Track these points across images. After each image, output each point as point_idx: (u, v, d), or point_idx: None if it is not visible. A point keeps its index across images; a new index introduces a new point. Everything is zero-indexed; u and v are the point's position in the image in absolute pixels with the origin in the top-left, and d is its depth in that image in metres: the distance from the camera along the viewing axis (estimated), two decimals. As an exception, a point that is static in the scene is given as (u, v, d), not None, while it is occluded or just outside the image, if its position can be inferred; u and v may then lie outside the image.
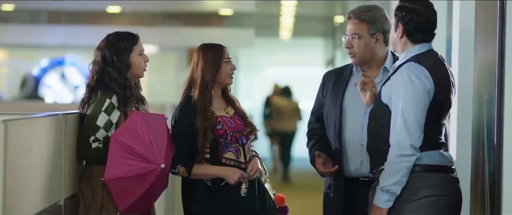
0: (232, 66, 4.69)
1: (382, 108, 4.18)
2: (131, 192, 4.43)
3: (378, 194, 4.08)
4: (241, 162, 4.65)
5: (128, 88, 4.58)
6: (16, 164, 3.66)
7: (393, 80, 4.15)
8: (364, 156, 4.47)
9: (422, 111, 4.08)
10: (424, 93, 4.08)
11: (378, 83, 4.47)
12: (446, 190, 4.13)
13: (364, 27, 4.57)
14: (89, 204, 4.51)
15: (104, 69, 4.56)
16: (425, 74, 4.09)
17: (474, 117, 4.87)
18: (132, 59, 4.61)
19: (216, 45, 4.73)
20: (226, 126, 4.65)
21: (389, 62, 4.59)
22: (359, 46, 4.57)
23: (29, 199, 3.86)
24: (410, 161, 4.05)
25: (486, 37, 4.62)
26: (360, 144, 4.53)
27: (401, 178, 4.05)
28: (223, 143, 4.62)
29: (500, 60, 4.33)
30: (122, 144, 4.39)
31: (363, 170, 4.55)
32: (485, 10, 4.71)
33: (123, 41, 4.60)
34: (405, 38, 4.22)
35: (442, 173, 4.15)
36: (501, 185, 4.29)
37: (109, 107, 4.50)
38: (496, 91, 4.35)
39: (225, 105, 4.75)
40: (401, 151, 4.04)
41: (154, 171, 4.42)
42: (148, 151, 4.42)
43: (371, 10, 4.60)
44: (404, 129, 4.04)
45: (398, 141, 4.05)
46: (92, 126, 4.46)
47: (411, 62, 4.14)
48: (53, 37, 17.20)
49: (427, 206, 4.07)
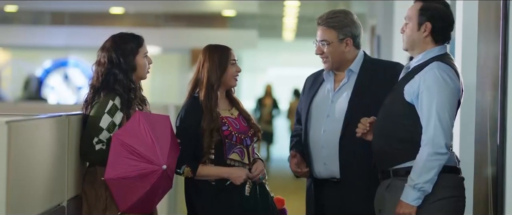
0: (237, 68, 4.70)
1: (404, 107, 4.18)
2: (132, 192, 4.43)
3: (409, 191, 4.06)
4: (245, 163, 4.66)
5: (132, 90, 4.58)
6: (19, 165, 3.66)
7: (422, 79, 4.14)
8: (327, 159, 4.56)
9: (454, 110, 4.12)
10: (456, 93, 4.11)
11: (344, 85, 4.61)
12: (462, 191, 4.18)
13: (332, 33, 4.62)
14: (92, 205, 4.50)
15: (110, 71, 4.56)
16: (454, 74, 4.12)
17: (477, 117, 4.87)
18: (137, 61, 4.61)
19: (223, 47, 4.74)
20: (232, 127, 4.65)
21: (355, 64, 4.64)
22: (329, 52, 4.62)
23: (32, 200, 3.85)
24: (444, 160, 4.06)
25: (489, 36, 4.62)
26: (321, 146, 4.59)
27: (434, 176, 4.05)
28: (228, 144, 4.62)
29: (503, 59, 4.33)
30: (123, 144, 4.39)
31: (326, 172, 4.60)
32: (488, 9, 4.71)
33: (129, 43, 4.60)
34: (430, 37, 4.22)
35: (457, 174, 4.20)
36: (504, 185, 4.29)
37: (112, 109, 4.49)
38: (499, 91, 4.34)
39: (229, 106, 4.76)
40: (436, 149, 4.04)
41: (155, 171, 4.41)
42: (150, 152, 4.41)
43: (338, 15, 4.64)
44: (440, 127, 4.05)
45: (433, 139, 4.05)
46: (95, 128, 4.46)
47: (440, 62, 4.14)
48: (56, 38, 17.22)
49: (448, 207, 4.11)
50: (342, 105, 4.58)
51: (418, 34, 4.23)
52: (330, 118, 4.60)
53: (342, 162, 4.53)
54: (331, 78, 4.69)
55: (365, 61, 4.66)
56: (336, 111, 4.59)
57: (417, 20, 4.22)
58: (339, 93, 4.63)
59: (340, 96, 4.62)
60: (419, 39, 4.23)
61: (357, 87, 4.59)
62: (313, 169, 4.67)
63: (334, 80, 4.68)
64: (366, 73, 4.61)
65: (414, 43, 4.26)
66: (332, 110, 4.61)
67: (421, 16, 4.21)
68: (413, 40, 4.26)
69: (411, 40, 4.26)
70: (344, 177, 4.54)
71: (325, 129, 4.59)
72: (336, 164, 4.56)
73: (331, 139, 4.56)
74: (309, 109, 4.70)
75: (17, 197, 3.63)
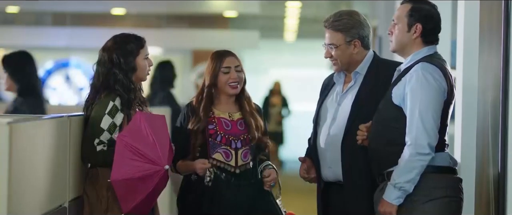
0: (232, 75, 4.71)
1: (393, 110, 4.18)
2: (136, 193, 4.43)
3: (390, 190, 4.09)
4: (231, 165, 4.68)
5: (132, 91, 4.58)
6: (21, 166, 3.66)
7: (407, 81, 4.14)
8: (332, 162, 4.53)
9: (438, 110, 4.10)
10: (440, 92, 4.10)
11: (350, 88, 4.57)
12: (457, 191, 4.16)
13: (339, 36, 4.56)
14: (94, 207, 4.50)
15: (110, 71, 4.56)
16: (439, 74, 4.10)
17: (478, 118, 4.87)
18: (137, 62, 4.61)
19: (218, 53, 4.79)
20: (219, 127, 4.69)
21: (362, 66, 4.59)
22: (338, 55, 4.57)
23: (33, 201, 3.86)
24: (426, 160, 4.06)
25: (490, 38, 4.62)
26: (326, 150, 4.57)
27: (415, 176, 4.06)
28: (211, 143, 4.68)
29: (504, 61, 4.33)
30: (127, 145, 4.39)
31: (332, 175, 4.57)
32: (489, 11, 4.70)
33: (130, 44, 4.60)
34: (420, 38, 4.22)
35: (452, 174, 4.19)
36: (506, 186, 4.29)
37: (112, 109, 4.50)
38: (501, 93, 4.34)
39: (235, 110, 4.77)
40: (418, 149, 4.05)
41: (158, 172, 4.42)
42: (152, 152, 4.41)
43: (344, 17, 4.57)
44: (422, 128, 4.05)
45: (415, 140, 4.05)
46: (96, 129, 4.46)
47: (424, 62, 4.13)
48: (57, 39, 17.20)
49: (441, 207, 4.10)
50: (346, 108, 4.55)
51: (408, 36, 4.23)
52: (335, 120, 4.57)
53: (344, 165, 4.50)
54: (341, 81, 4.65)
55: (372, 62, 4.60)
56: (341, 113, 4.56)
57: (407, 21, 4.21)
58: (345, 95, 4.60)
59: (345, 98, 4.59)
60: (409, 41, 4.23)
61: (361, 89, 4.55)
62: (321, 173, 4.64)
63: (344, 82, 4.66)
64: (372, 74, 4.57)
65: (403, 45, 4.25)
66: (337, 113, 4.59)
67: (411, 17, 4.21)
68: (402, 41, 4.25)
69: (401, 41, 4.25)
70: (347, 180, 4.50)
71: (330, 132, 4.57)
72: (340, 167, 4.53)
73: (335, 142, 4.53)
74: (319, 112, 4.67)
75: (19, 198, 3.63)
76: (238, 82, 4.74)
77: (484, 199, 4.67)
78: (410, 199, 4.09)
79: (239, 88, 4.75)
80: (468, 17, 5.25)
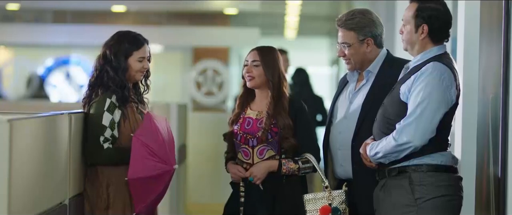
0: (248, 69, 4.72)
1: (399, 107, 4.19)
2: (149, 192, 4.46)
3: (372, 148, 4.19)
4: (249, 163, 4.69)
5: (126, 89, 4.58)
6: (21, 163, 3.66)
7: (416, 79, 4.15)
8: (343, 160, 4.55)
9: (441, 114, 4.11)
10: (447, 93, 4.11)
11: (362, 86, 4.58)
12: (458, 190, 4.19)
13: (352, 35, 4.57)
14: (94, 204, 4.51)
15: (103, 67, 4.58)
16: (449, 75, 4.12)
17: (479, 117, 4.87)
18: (129, 63, 4.60)
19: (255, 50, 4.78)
20: (241, 126, 4.71)
21: (375, 64, 4.60)
22: (351, 54, 4.58)
23: (34, 198, 3.86)
24: (404, 152, 4.11)
25: (491, 36, 4.62)
26: (337, 148, 4.59)
27: (384, 156, 4.17)
28: (236, 144, 4.73)
29: (505, 59, 4.33)
30: (143, 144, 4.41)
31: (344, 173, 4.58)
32: (490, 9, 4.70)
33: (125, 43, 4.59)
34: (428, 38, 4.22)
35: (452, 173, 4.20)
36: (506, 185, 4.29)
37: (110, 106, 4.50)
38: (501, 91, 4.34)
39: (268, 107, 4.72)
40: (398, 141, 4.09)
41: (169, 171, 4.47)
42: (163, 152, 4.45)
43: (357, 16, 4.58)
44: (415, 126, 4.07)
45: (402, 129, 4.09)
46: (99, 126, 4.46)
47: (436, 62, 4.14)
48: (58, 36, 17.20)
49: (442, 206, 4.12)
50: (357, 107, 4.56)
51: (416, 36, 4.25)
52: (346, 119, 4.58)
53: (354, 163, 4.50)
54: (354, 79, 4.67)
55: (385, 61, 4.62)
56: (352, 112, 4.58)
57: (414, 22, 4.23)
58: (357, 94, 4.61)
59: (357, 97, 4.60)
60: (417, 41, 4.25)
61: (373, 88, 4.56)
62: (334, 170, 4.66)
63: (357, 80, 4.67)
64: (384, 73, 4.57)
65: (413, 44, 4.27)
66: (348, 111, 4.60)
67: (417, 18, 4.22)
68: (411, 41, 4.27)
69: (410, 41, 4.27)
70: (356, 178, 4.51)
71: (341, 130, 4.58)
72: (350, 166, 4.54)
73: (346, 141, 4.54)
74: (332, 110, 4.69)
75: (19, 195, 3.64)
76: (252, 76, 4.71)
77: (484, 197, 4.67)
78: (411, 197, 4.10)
79: (253, 82, 4.72)
80: (468, 16, 5.26)
